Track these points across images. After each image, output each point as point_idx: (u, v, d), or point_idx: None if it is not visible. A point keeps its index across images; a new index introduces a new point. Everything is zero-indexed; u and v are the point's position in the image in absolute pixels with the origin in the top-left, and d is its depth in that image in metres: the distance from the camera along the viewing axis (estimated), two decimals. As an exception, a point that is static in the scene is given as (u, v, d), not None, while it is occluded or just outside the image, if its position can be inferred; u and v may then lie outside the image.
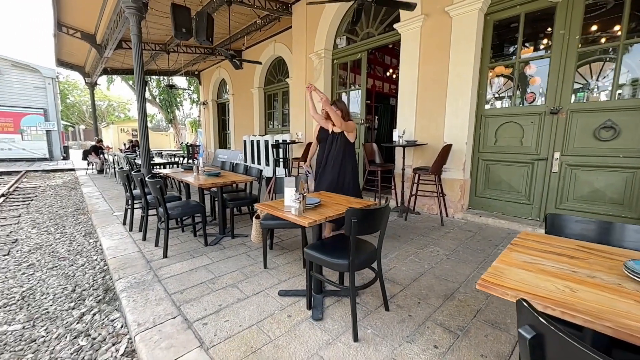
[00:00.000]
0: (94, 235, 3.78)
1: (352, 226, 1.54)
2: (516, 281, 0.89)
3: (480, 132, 3.94)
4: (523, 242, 1.22)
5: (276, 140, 6.54)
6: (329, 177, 3.07)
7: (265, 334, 1.69)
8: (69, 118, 27.64)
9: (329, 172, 3.08)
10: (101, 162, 9.17)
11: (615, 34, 3.04)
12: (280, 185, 2.90)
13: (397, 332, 1.71)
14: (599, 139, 3.10)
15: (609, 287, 0.85)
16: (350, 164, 3.11)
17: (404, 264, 2.61)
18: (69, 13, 6.33)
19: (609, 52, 3.12)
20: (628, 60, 3.04)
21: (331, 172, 3.06)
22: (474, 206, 4.12)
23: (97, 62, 8.83)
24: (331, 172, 3.06)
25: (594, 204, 3.21)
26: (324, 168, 3.15)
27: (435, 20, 4.02)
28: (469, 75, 3.75)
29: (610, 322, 0.69)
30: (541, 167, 3.50)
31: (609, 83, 3.09)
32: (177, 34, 4.74)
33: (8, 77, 12.62)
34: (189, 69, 11.17)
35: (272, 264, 2.61)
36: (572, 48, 3.19)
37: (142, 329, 1.75)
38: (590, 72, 3.31)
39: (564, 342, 0.57)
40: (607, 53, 3.13)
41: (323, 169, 3.16)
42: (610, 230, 1.24)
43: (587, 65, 3.30)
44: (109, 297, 2.37)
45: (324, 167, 3.14)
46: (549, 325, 0.58)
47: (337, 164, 3.05)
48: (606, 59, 3.17)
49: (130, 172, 3.34)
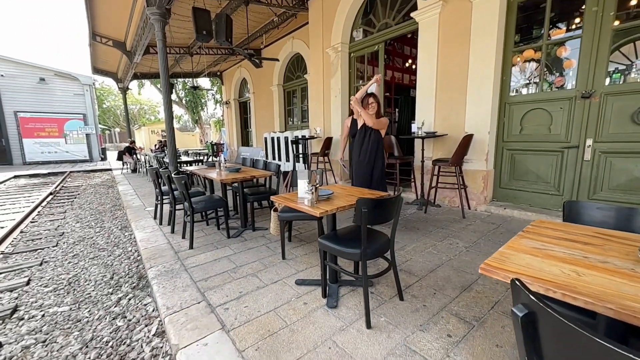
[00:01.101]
0: (128, 228, 4.09)
1: (363, 215, 1.57)
2: (521, 265, 0.89)
3: (505, 120, 3.77)
4: (536, 229, 1.19)
5: (295, 136, 6.64)
6: (362, 171, 3.18)
7: (281, 319, 1.77)
8: (105, 122, 29.64)
9: (364, 167, 3.19)
10: (134, 161, 9.79)
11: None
12: (296, 178, 2.98)
13: (410, 320, 1.72)
14: (638, 122, 2.86)
15: (621, 271, 0.83)
16: (381, 159, 3.21)
17: (421, 256, 2.59)
18: (102, 23, 6.80)
19: (650, 28, 2.85)
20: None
21: (366, 167, 3.18)
22: (498, 198, 3.96)
23: (128, 68, 9.40)
24: (366, 167, 3.18)
25: (632, 194, 2.98)
26: (358, 163, 3.23)
27: (454, 6, 3.88)
28: (491, 62, 3.59)
29: (612, 304, 0.68)
30: (572, 155, 3.29)
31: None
32: (198, 36, 4.95)
33: (52, 86, 13.76)
34: (211, 70, 11.56)
35: (290, 255, 2.70)
36: (606, 26, 2.96)
37: (170, 312, 1.90)
38: (635, 50, 3.02)
39: (554, 320, 0.58)
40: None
41: (358, 164, 3.23)
42: (633, 216, 1.17)
43: (632, 44, 3.01)
44: (142, 284, 2.58)
45: (359, 162, 3.22)
46: (539, 302, 0.59)
47: (371, 159, 3.16)
48: None
49: (158, 170, 3.57)
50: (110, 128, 30.99)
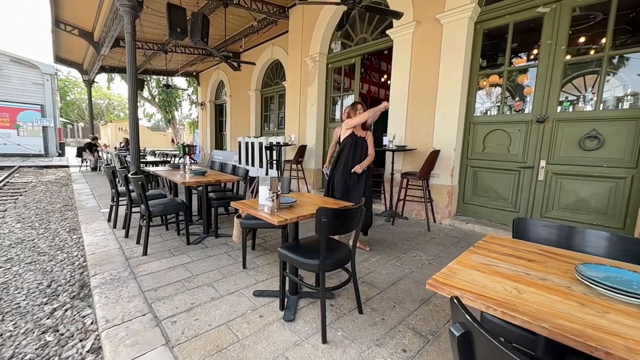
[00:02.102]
0: (77, 231, 3.75)
1: (322, 226, 1.53)
2: (466, 282, 0.88)
3: (469, 138, 3.96)
4: (486, 244, 1.21)
5: (270, 143, 6.55)
6: (360, 186, 2.91)
7: (233, 333, 1.66)
8: (69, 115, 27.61)
9: (362, 181, 2.92)
10: (95, 159, 9.14)
11: (601, 45, 3.07)
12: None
13: (367, 335, 1.69)
14: (584, 148, 3.12)
15: (557, 289, 0.85)
16: (368, 171, 2.99)
17: (384, 268, 2.59)
18: (67, 9, 6.37)
19: (595, 64, 3.16)
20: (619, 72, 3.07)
21: (362, 180, 2.93)
22: (462, 212, 4.12)
23: (95, 60, 8.86)
24: (362, 180, 2.93)
25: (578, 213, 3.21)
26: (353, 176, 2.91)
27: (426, 27, 4.06)
28: (458, 83, 3.77)
29: (546, 323, 0.68)
30: (527, 175, 3.51)
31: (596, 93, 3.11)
32: (171, 33, 4.77)
33: (6, 72, 12.63)
34: (187, 70, 11.21)
35: (252, 265, 2.58)
36: (558, 58, 3.22)
37: (109, 325, 1.72)
38: (584, 84, 3.32)
39: (489, 342, 0.56)
40: (593, 65, 3.16)
41: (354, 176, 2.91)
42: (573, 234, 1.23)
43: (582, 78, 3.31)
44: (83, 293, 2.34)
45: (354, 175, 2.91)
46: (474, 323, 0.57)
47: (364, 171, 2.91)
48: (600, 71, 3.17)
49: (115, 169, 3.33)
50: (73, 122, 28.91)
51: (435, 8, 3.91)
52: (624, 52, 2.98)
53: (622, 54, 2.99)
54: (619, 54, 2.99)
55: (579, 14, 3.17)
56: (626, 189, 2.91)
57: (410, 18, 4.15)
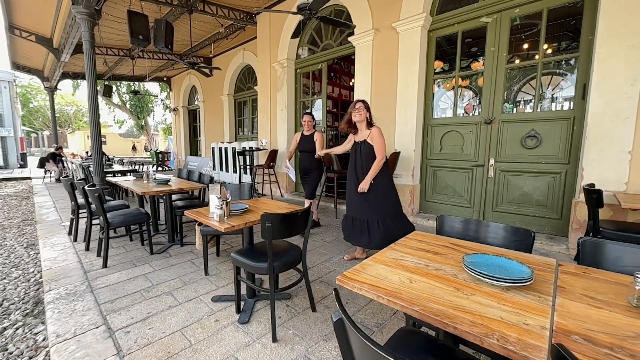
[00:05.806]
0: (36, 247, 3.61)
1: (267, 230, 1.62)
2: (370, 275, 1.00)
3: (428, 140, 4.18)
4: (407, 241, 1.34)
5: (243, 148, 6.55)
6: (378, 202, 2.64)
7: (187, 339, 1.71)
8: (32, 124, 26.09)
9: (375, 195, 2.65)
10: (60, 170, 8.73)
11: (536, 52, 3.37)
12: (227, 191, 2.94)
13: (317, 331, 1.79)
14: (525, 146, 3.40)
15: (445, 277, 0.98)
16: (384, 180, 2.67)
17: (344, 267, 2.71)
18: (21, 15, 6.09)
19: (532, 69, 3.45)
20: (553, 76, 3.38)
21: (374, 194, 2.65)
22: (424, 210, 4.33)
23: (56, 67, 8.49)
24: (374, 194, 2.65)
25: (523, 206, 3.49)
26: (354, 184, 2.68)
27: (384, 35, 4.26)
28: (415, 87, 3.99)
29: (418, 307, 0.80)
30: (479, 172, 3.76)
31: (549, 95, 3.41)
32: (133, 40, 4.70)
33: (-42, 80, 11.81)
34: (157, 75, 10.96)
35: (215, 271, 2.63)
36: (501, 64, 3.49)
37: (60, 340, 1.72)
38: (532, 87, 3.62)
39: (349, 327, 0.67)
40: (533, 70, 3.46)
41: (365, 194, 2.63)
42: (479, 228, 1.40)
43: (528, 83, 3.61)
44: (37, 310, 2.29)
45: (355, 182, 2.68)
46: (340, 311, 0.68)
47: (376, 184, 2.64)
48: (557, 73, 3.49)
49: (73, 181, 3.26)
50: (38, 131, 27.33)
51: (391, 17, 4.12)
52: (555, 58, 3.28)
53: (553, 61, 3.30)
54: (550, 61, 3.29)
55: (518, 24, 3.47)
56: (561, 183, 3.21)
57: (370, 26, 4.33)
